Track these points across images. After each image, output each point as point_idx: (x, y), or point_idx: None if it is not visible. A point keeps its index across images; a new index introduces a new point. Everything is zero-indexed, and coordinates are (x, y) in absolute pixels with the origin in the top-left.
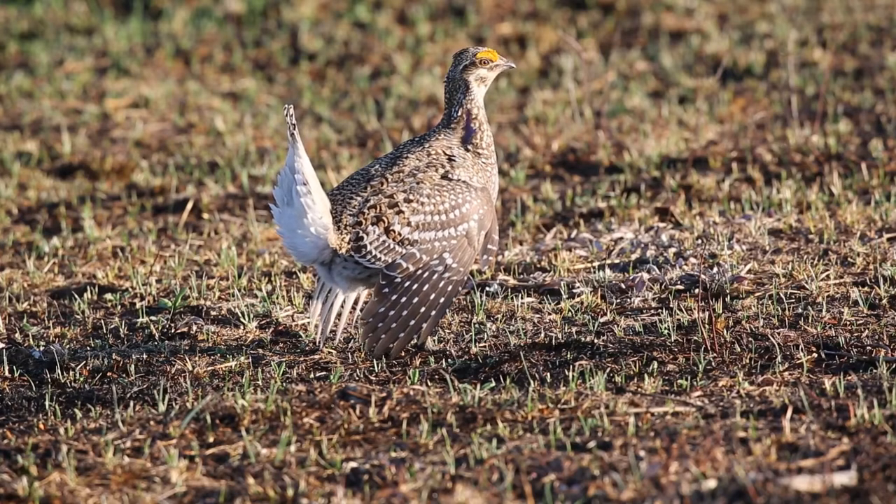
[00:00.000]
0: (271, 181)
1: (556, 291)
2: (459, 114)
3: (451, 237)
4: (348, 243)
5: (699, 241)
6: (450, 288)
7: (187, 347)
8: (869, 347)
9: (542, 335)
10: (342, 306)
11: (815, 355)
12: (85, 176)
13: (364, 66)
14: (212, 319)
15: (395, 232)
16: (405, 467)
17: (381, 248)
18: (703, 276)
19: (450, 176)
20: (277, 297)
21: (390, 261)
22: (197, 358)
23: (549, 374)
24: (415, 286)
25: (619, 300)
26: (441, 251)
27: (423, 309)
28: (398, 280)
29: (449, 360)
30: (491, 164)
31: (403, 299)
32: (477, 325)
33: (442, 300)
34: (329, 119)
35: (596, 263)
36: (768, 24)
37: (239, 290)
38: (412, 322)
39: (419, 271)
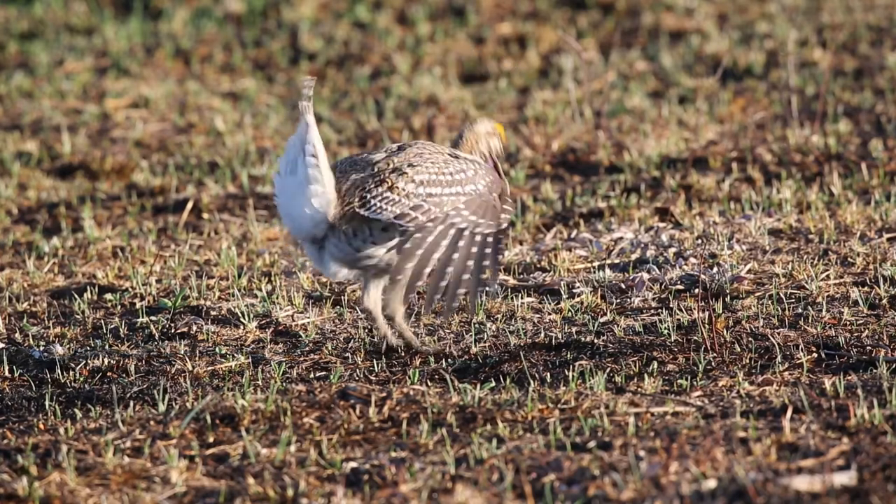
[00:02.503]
0: (271, 181)
1: (556, 291)
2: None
3: (460, 193)
4: (348, 206)
5: (699, 241)
6: (489, 239)
7: (187, 347)
8: (869, 347)
9: (542, 335)
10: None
11: (815, 355)
12: (85, 176)
13: (364, 66)
14: (212, 319)
15: (399, 188)
16: (405, 467)
17: (385, 200)
18: (703, 276)
19: (456, 155)
20: (277, 297)
21: (398, 211)
22: (197, 358)
23: (549, 374)
24: (442, 240)
25: (619, 300)
26: (454, 205)
27: (470, 262)
28: (412, 228)
29: (449, 360)
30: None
31: (436, 255)
32: (477, 325)
33: (488, 250)
34: (329, 119)
35: (596, 263)
36: (768, 24)
37: (239, 290)
38: (465, 276)
39: (434, 224)
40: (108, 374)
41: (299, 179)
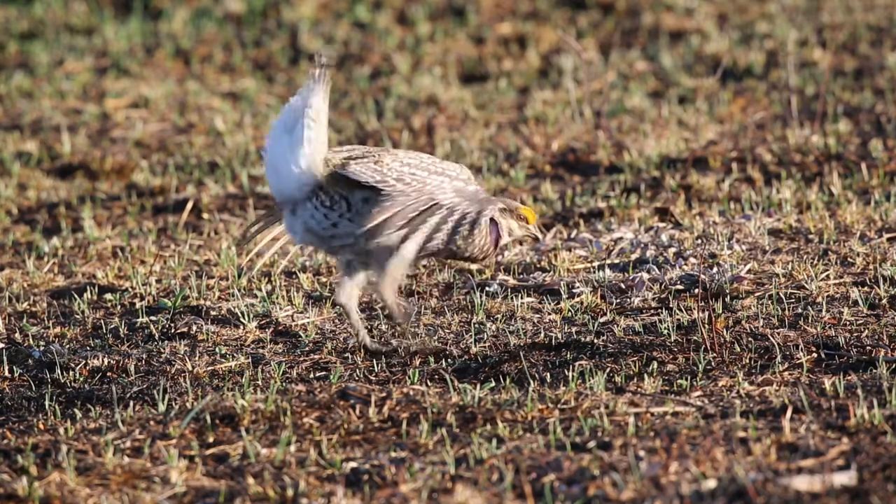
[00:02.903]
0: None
1: (556, 291)
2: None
3: (443, 183)
4: (332, 166)
5: (699, 241)
6: (468, 216)
7: (187, 347)
8: (869, 347)
9: (542, 335)
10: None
11: (815, 355)
12: (85, 176)
13: (364, 66)
14: (212, 319)
15: (385, 163)
16: (405, 467)
17: (368, 168)
18: (703, 276)
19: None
20: (277, 297)
21: (378, 178)
22: (197, 358)
23: (549, 374)
24: (420, 206)
25: (619, 300)
26: (441, 191)
27: (450, 224)
28: (396, 191)
29: (449, 360)
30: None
31: (410, 214)
32: (477, 325)
33: (467, 222)
34: (329, 119)
35: (596, 263)
36: (768, 24)
37: (239, 290)
38: (439, 234)
39: (418, 193)
40: (108, 374)
41: (294, 139)
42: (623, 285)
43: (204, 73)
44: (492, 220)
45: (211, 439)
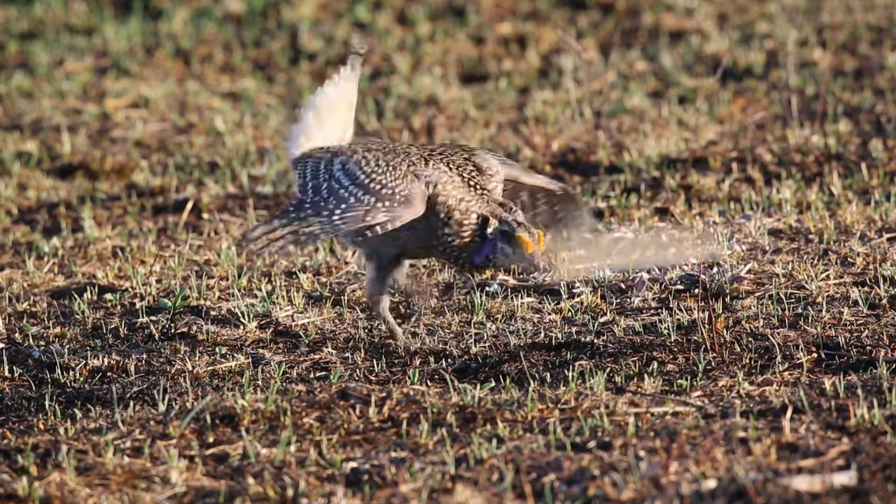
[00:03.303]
0: (271, 181)
1: (556, 291)
2: (485, 252)
3: (349, 196)
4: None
5: (699, 242)
6: (314, 228)
7: (187, 347)
8: (869, 347)
9: (542, 335)
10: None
11: (815, 355)
12: (85, 176)
13: (364, 66)
14: (212, 319)
15: (348, 167)
16: (405, 467)
17: (313, 166)
18: (703, 276)
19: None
20: (277, 297)
21: (311, 182)
22: (197, 358)
23: (549, 374)
24: (306, 228)
25: (619, 300)
26: (335, 204)
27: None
28: (306, 204)
29: (449, 360)
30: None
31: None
32: (477, 325)
33: (306, 231)
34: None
35: (596, 263)
36: (768, 24)
37: (239, 290)
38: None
39: (314, 204)
40: (108, 374)
41: (303, 114)
42: (623, 285)
43: (204, 73)
44: (487, 237)
45: (211, 439)
